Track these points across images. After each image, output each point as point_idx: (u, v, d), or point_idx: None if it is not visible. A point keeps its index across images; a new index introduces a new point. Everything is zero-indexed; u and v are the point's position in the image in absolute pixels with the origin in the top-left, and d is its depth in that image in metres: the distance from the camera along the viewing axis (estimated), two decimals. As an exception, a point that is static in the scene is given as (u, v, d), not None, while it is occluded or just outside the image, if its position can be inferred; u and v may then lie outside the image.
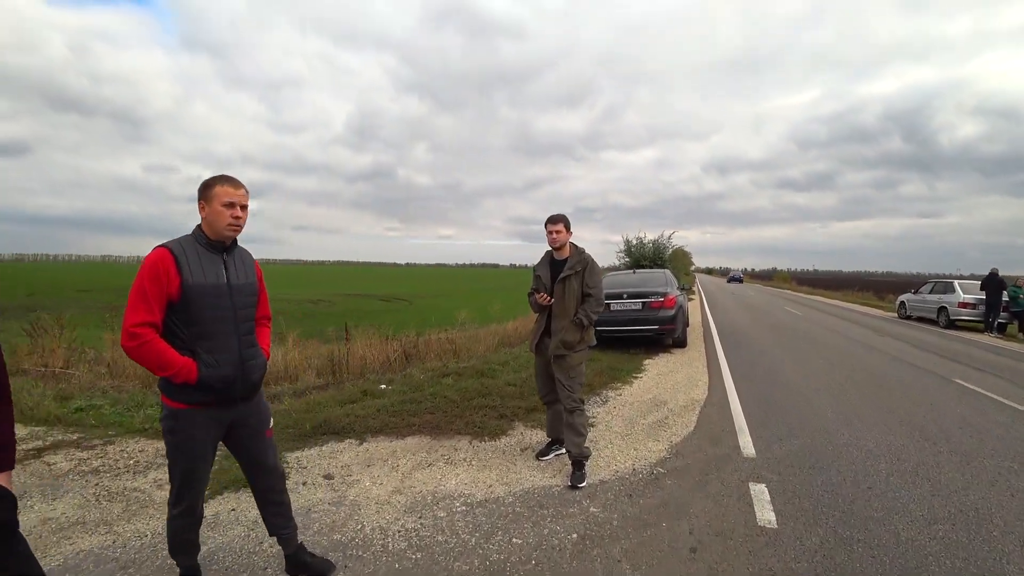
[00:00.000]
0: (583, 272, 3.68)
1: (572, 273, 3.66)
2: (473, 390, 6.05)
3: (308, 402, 5.89)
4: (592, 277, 3.67)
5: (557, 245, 3.72)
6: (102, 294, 37.99)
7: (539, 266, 3.89)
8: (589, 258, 3.76)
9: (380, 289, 48.90)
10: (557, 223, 3.69)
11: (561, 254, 3.77)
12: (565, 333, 3.65)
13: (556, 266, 3.78)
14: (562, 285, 3.68)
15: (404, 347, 9.67)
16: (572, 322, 3.66)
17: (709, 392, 6.25)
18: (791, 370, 7.69)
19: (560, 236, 3.69)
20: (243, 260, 2.28)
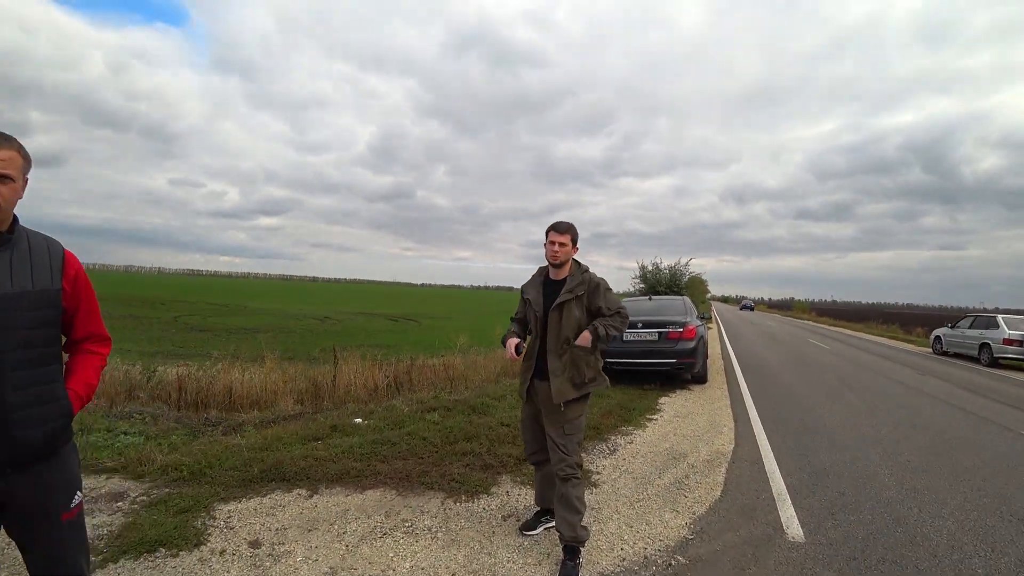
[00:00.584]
0: (586, 296, 2.85)
1: (572, 298, 2.82)
2: (459, 430, 5.18)
3: (268, 436, 5.08)
4: (606, 298, 2.87)
5: (557, 261, 2.89)
6: (113, 304, 37.89)
7: (528, 286, 3.05)
8: (595, 278, 2.92)
9: (391, 308, 48.28)
10: (563, 233, 2.87)
11: (559, 273, 2.93)
12: (567, 374, 2.80)
13: (551, 287, 2.94)
14: (558, 313, 2.84)
15: (396, 373, 8.85)
16: (574, 353, 2.82)
17: (736, 442, 5.30)
18: (828, 415, 6.69)
19: (563, 251, 2.87)
20: (30, 258, 1.48)
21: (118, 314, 30.40)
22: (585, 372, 2.81)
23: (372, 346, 19.28)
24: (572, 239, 2.89)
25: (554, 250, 2.85)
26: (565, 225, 2.89)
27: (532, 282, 3.04)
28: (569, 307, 2.81)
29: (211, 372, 8.06)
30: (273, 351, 9.70)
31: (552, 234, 2.87)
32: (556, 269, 2.92)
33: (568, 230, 2.87)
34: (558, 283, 2.90)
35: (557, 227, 2.88)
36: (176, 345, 19.33)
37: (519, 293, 3.11)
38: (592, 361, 2.86)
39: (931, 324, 30.25)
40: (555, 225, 2.89)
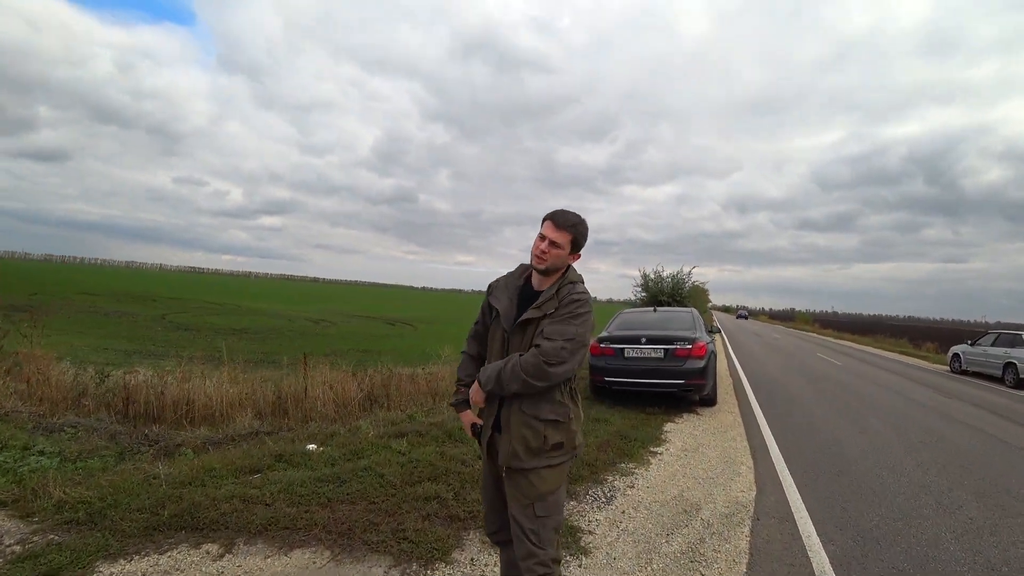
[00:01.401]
0: (553, 314, 1.95)
1: (539, 316, 1.96)
2: (426, 465, 4.32)
3: (199, 466, 4.23)
4: (560, 321, 1.92)
5: (543, 266, 2.00)
6: (105, 299, 37.13)
7: (500, 288, 2.17)
8: (575, 293, 1.99)
9: (389, 311, 47.44)
10: (561, 229, 1.98)
11: (544, 281, 2.07)
12: (527, 427, 1.95)
13: (527, 297, 2.08)
14: (520, 334, 2.00)
15: (372, 386, 8.00)
16: (545, 406, 1.96)
17: (758, 488, 4.43)
18: (860, 451, 5.81)
19: (555, 254, 1.99)
20: None
21: (107, 310, 29.64)
22: (545, 434, 1.94)
23: (361, 351, 18.42)
24: (573, 240, 2.00)
25: (541, 248, 1.97)
26: (568, 218, 2.00)
27: (506, 284, 2.16)
28: (533, 329, 1.97)
29: (166, 380, 7.24)
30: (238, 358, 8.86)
31: (547, 226, 1.99)
32: (540, 275, 2.06)
33: (571, 227, 1.99)
34: (537, 294, 2.05)
35: (556, 218, 1.99)
36: (157, 344, 18.51)
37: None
38: (557, 417, 1.97)
39: (941, 339, 29.31)
40: (554, 215, 2.00)
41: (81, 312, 27.95)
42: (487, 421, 2.06)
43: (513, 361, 1.89)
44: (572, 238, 2.00)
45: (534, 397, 1.94)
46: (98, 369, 8.33)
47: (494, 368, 1.94)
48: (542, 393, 1.93)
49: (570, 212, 2.02)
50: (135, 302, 37.12)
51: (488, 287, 2.23)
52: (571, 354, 1.88)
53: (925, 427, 7.24)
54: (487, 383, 1.95)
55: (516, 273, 2.19)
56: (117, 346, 17.77)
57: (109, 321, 24.76)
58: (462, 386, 2.21)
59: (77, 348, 16.76)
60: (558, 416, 1.96)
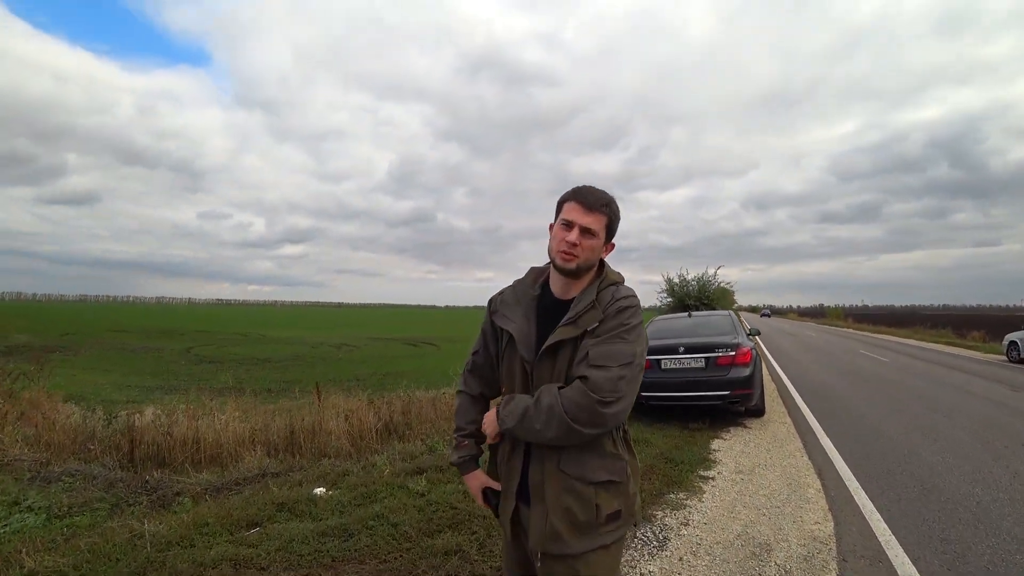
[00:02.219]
0: (597, 329, 1.39)
1: (576, 335, 1.40)
2: (446, 509, 3.77)
3: (188, 522, 3.75)
4: (612, 341, 1.35)
5: (572, 264, 1.43)
6: (134, 335, 37.63)
7: (505, 305, 1.59)
8: (625, 302, 1.43)
9: (411, 332, 47.22)
10: (593, 211, 1.43)
11: (570, 287, 1.50)
12: (560, 500, 1.38)
13: (552, 311, 1.50)
14: (550, 363, 1.43)
15: (390, 413, 7.50)
16: (593, 461, 1.40)
17: (835, 517, 3.77)
18: (940, 462, 5.08)
19: (589, 246, 1.44)
20: None
21: (134, 346, 29.92)
22: (597, 503, 1.38)
23: (382, 374, 18.04)
24: (608, 225, 1.46)
25: (570, 240, 1.40)
26: (600, 196, 1.45)
27: (516, 296, 1.58)
28: (568, 354, 1.41)
29: (172, 419, 6.86)
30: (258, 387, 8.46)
31: (572, 208, 1.43)
32: (567, 278, 1.47)
33: (604, 206, 1.44)
34: (564, 305, 1.48)
35: (585, 197, 1.43)
36: (180, 378, 18.41)
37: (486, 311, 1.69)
38: (612, 476, 1.41)
39: (987, 326, 27.76)
40: (580, 194, 1.45)
41: (110, 349, 28.25)
42: (508, 484, 1.50)
43: (550, 398, 1.32)
44: (607, 221, 1.45)
45: (577, 449, 1.38)
46: (106, 410, 8.02)
47: (520, 403, 1.39)
48: (588, 443, 1.38)
49: (595, 189, 1.47)
50: (163, 337, 37.54)
51: (489, 303, 1.65)
52: (630, 385, 1.33)
53: (1005, 428, 6.45)
54: (508, 418, 1.40)
55: (528, 280, 1.61)
56: (141, 382, 17.70)
57: (136, 357, 24.89)
58: (463, 437, 1.65)
59: (101, 386, 16.73)
60: (612, 475, 1.40)
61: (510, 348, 1.52)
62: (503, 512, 1.52)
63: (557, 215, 1.49)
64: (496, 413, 1.46)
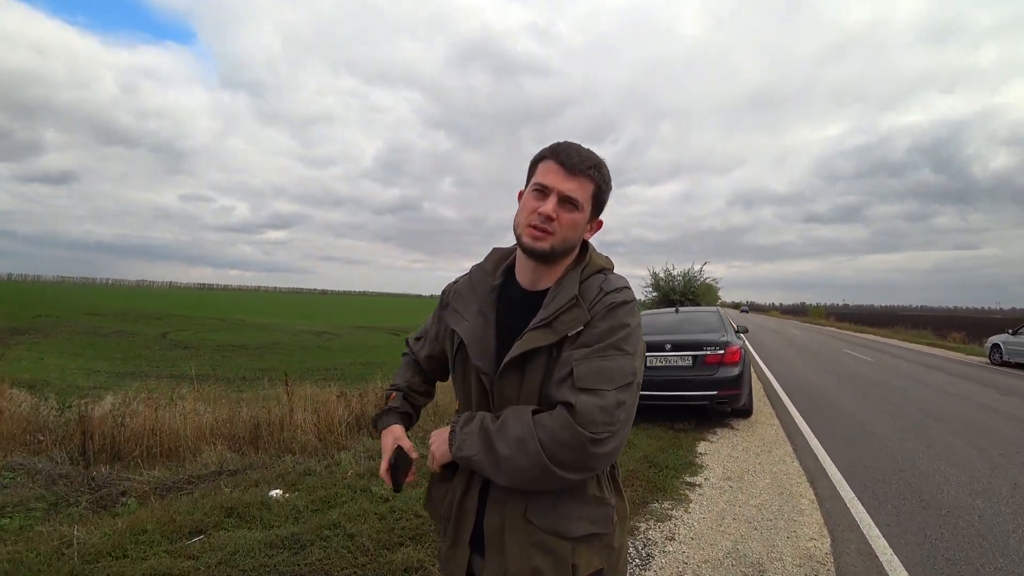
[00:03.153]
0: (584, 335, 1.03)
1: (550, 342, 1.03)
2: (409, 517, 3.44)
3: (124, 528, 3.37)
4: (606, 354, 1.00)
5: (547, 244, 1.06)
6: (110, 319, 36.64)
7: (458, 298, 1.22)
8: (618, 297, 1.06)
9: (394, 321, 46.69)
10: (574, 174, 1.05)
11: (543, 275, 1.13)
12: (540, 549, 1.02)
13: (514, 306, 1.15)
14: (515, 377, 1.06)
15: (363, 406, 7.15)
16: (573, 508, 1.05)
17: (830, 530, 3.50)
18: (936, 470, 4.86)
19: (566, 222, 1.06)
20: None
21: (106, 330, 29.05)
22: (575, 562, 1.04)
23: (361, 364, 17.61)
24: (595, 194, 1.10)
25: (544, 212, 1.05)
26: (586, 157, 1.08)
27: (472, 286, 1.22)
28: (542, 365, 1.05)
29: (130, 409, 6.43)
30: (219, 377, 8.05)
31: (548, 170, 1.07)
32: (537, 263, 1.12)
33: (590, 169, 1.07)
34: (535, 299, 1.13)
35: (566, 157, 1.06)
36: (152, 364, 17.83)
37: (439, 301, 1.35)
38: (595, 528, 1.07)
39: (964, 328, 28.03)
40: (560, 152, 1.07)
41: (81, 333, 27.39)
42: (458, 528, 1.14)
43: (521, 428, 0.98)
44: (595, 189, 1.09)
45: (553, 493, 1.04)
46: (65, 397, 7.56)
47: (481, 425, 1.04)
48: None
49: (583, 147, 1.09)
50: (139, 321, 36.60)
51: (442, 293, 1.32)
52: (629, 412, 1.01)
53: (998, 435, 6.26)
54: (468, 443, 1.03)
55: (488, 266, 1.23)
56: (111, 368, 17.09)
57: (107, 342, 24.13)
58: (393, 390, 1.38)
59: (68, 370, 16.09)
60: (595, 525, 1.06)
61: (462, 355, 1.17)
62: (451, 563, 1.17)
63: (528, 179, 1.13)
64: (450, 433, 1.10)
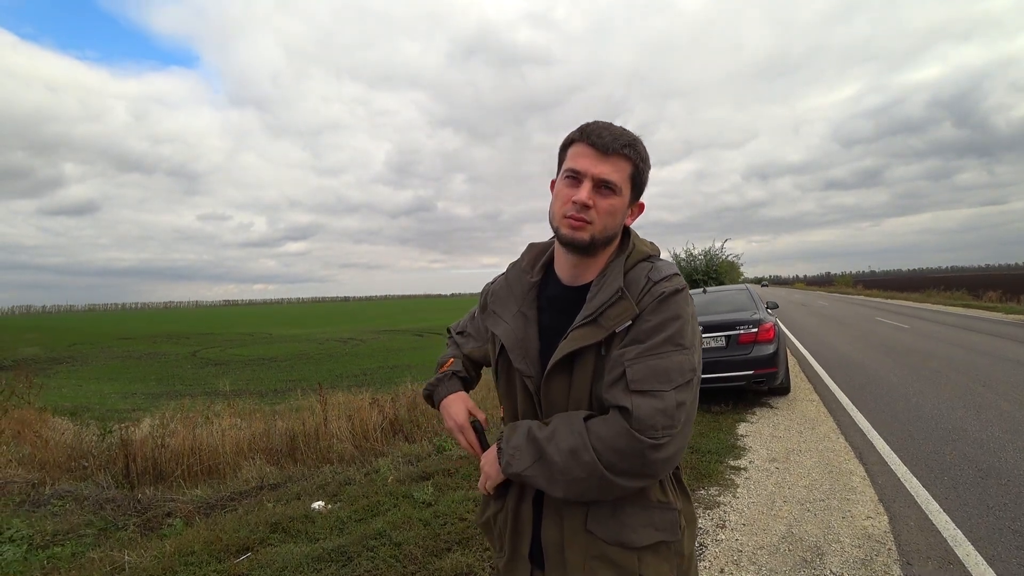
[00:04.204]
0: (633, 330, 0.96)
1: (597, 340, 0.97)
2: (454, 521, 3.41)
3: (173, 550, 3.40)
4: (660, 352, 0.92)
5: (587, 235, 0.98)
6: (141, 342, 37.51)
7: (497, 299, 1.16)
8: (670, 286, 0.97)
9: (418, 323, 46.98)
10: (610, 155, 0.97)
11: (584, 268, 1.06)
12: (603, 562, 0.96)
13: (556, 304, 1.09)
14: (562, 380, 1.00)
15: (396, 410, 7.17)
16: (635, 516, 0.98)
17: (886, 507, 3.39)
18: (987, 435, 4.68)
19: (604, 208, 0.98)
20: None
21: (138, 353, 29.76)
22: (642, 572, 0.97)
23: (389, 367, 17.76)
24: (632, 175, 1.01)
25: (579, 200, 0.96)
26: (621, 136, 0.98)
27: (509, 286, 1.16)
28: (591, 366, 0.99)
29: (168, 429, 6.54)
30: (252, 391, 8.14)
31: (580, 154, 0.99)
32: (577, 256, 1.05)
33: (627, 147, 0.98)
34: (577, 294, 1.07)
35: (599, 138, 0.97)
36: (185, 383, 18.21)
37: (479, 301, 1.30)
38: (662, 536, 0.99)
39: (1002, 286, 27.18)
40: (593, 133, 0.98)
41: (116, 358, 28.10)
42: (515, 543, 1.08)
43: (573, 438, 0.91)
44: (632, 171, 1.00)
45: (613, 501, 0.98)
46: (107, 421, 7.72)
47: (528, 436, 0.98)
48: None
49: (615, 124, 1.01)
50: (169, 342, 37.40)
51: (482, 294, 1.26)
52: (690, 412, 0.94)
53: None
54: (517, 458, 0.97)
55: (524, 263, 1.17)
56: (146, 389, 17.50)
57: (140, 364, 24.72)
58: (453, 358, 1.32)
59: (106, 395, 16.53)
60: (662, 533, 1.00)
61: (504, 359, 1.10)
62: (497, 550, 1.14)
63: (560, 166, 1.05)
64: (497, 450, 1.03)
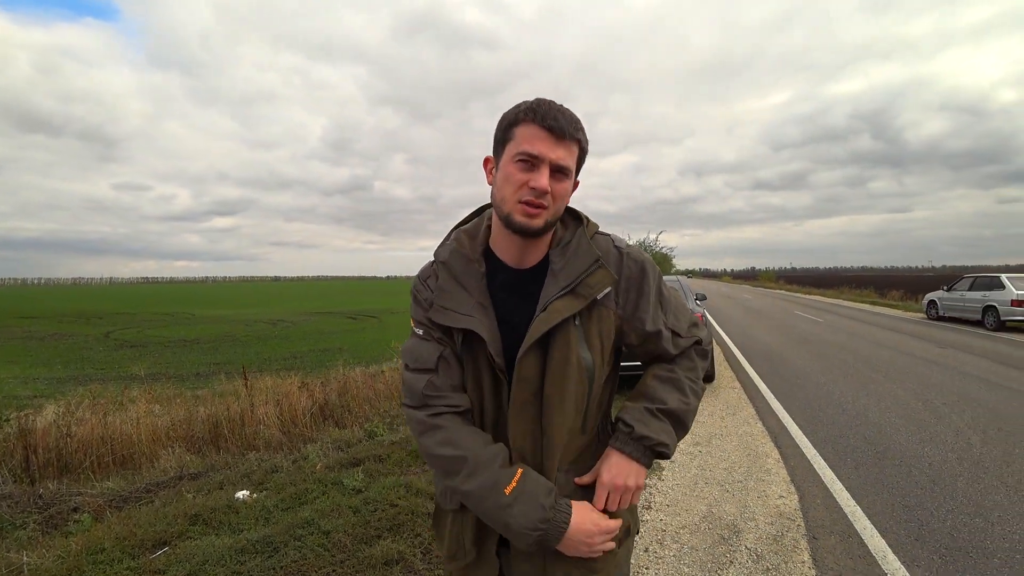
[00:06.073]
0: (620, 300, 1.04)
1: (577, 307, 0.98)
2: (385, 508, 3.37)
3: (79, 548, 3.18)
4: (671, 303, 1.11)
5: (539, 222, 0.96)
6: (45, 322, 34.54)
7: (445, 290, 1.04)
8: (632, 250, 1.06)
9: (352, 305, 45.82)
10: (564, 139, 0.95)
11: (531, 251, 1.04)
12: None
13: (508, 290, 1.05)
14: (538, 356, 1.00)
15: (325, 395, 6.99)
16: None
17: (797, 487, 3.64)
18: (885, 420, 5.12)
19: (559, 193, 0.97)
20: None
21: (42, 334, 27.40)
22: None
23: (320, 350, 17.24)
24: (579, 156, 1.01)
25: (539, 188, 0.93)
26: (571, 119, 0.97)
27: (455, 281, 1.04)
28: (567, 340, 0.99)
29: (75, 417, 6.07)
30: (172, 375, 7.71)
31: (537, 135, 0.94)
32: (526, 239, 1.01)
33: (579, 132, 0.98)
34: (527, 279, 1.05)
35: (552, 120, 0.94)
36: (97, 367, 16.94)
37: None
38: None
39: (904, 287, 29.66)
40: (542, 113, 0.94)
41: (15, 339, 25.72)
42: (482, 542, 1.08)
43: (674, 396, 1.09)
44: (579, 153, 1.01)
45: None
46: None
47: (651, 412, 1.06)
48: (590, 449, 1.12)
49: (561, 106, 0.98)
50: (78, 322, 34.64)
51: (414, 288, 1.11)
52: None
53: (940, 386, 6.64)
54: (661, 441, 1.04)
55: (466, 249, 1.08)
56: (50, 374, 16.14)
57: (44, 346, 22.75)
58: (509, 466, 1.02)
59: (2, 380, 15.12)
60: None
61: (468, 350, 1.04)
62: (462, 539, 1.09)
63: (503, 146, 0.99)
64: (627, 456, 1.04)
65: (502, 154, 0.99)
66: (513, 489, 0.94)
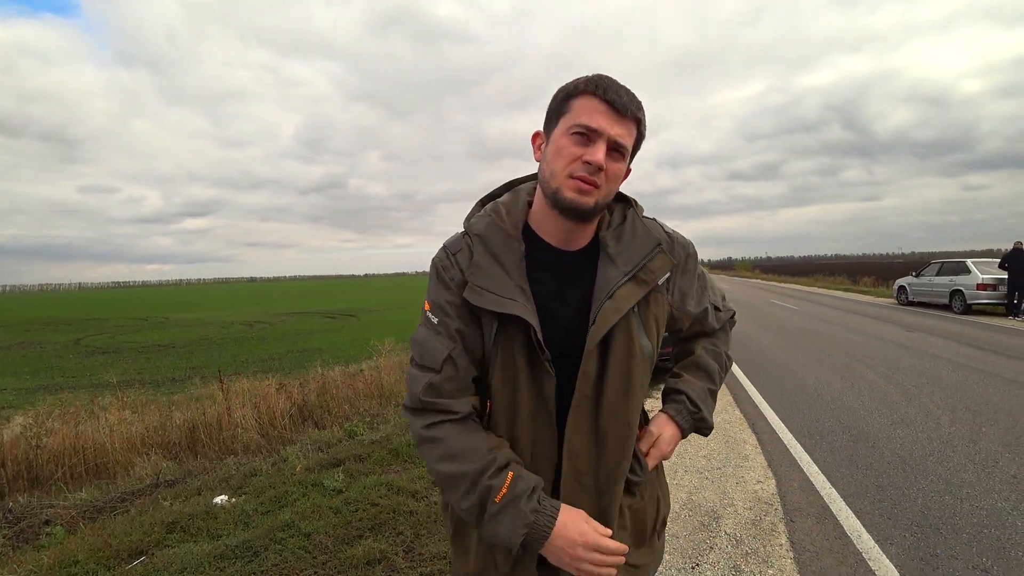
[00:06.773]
0: (672, 284, 1.02)
1: (640, 295, 0.93)
2: (366, 507, 3.34)
3: (52, 561, 3.09)
4: (709, 286, 1.13)
5: (590, 202, 0.89)
6: (10, 330, 33.51)
7: (480, 267, 0.92)
8: (692, 248, 1.07)
9: (329, 304, 45.32)
10: (624, 115, 0.88)
11: (576, 236, 0.97)
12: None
13: (551, 272, 0.97)
14: (601, 352, 0.93)
15: (303, 396, 6.91)
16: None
17: (774, 471, 3.71)
18: (858, 403, 5.25)
19: (614, 173, 0.90)
20: None
21: (7, 342, 26.56)
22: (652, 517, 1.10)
23: (299, 351, 17.03)
24: (637, 140, 0.93)
25: (595, 163, 0.86)
26: (632, 96, 0.90)
27: (493, 258, 0.93)
28: (629, 328, 0.94)
29: (45, 427, 5.91)
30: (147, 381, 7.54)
31: (597, 108, 0.87)
32: (575, 222, 0.94)
33: (640, 111, 0.91)
34: (573, 262, 0.98)
35: (613, 93, 0.87)
36: (67, 375, 16.47)
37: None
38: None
39: (875, 273, 30.43)
40: (603, 86, 0.88)
41: (-25, 348, 24.92)
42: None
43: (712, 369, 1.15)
44: (637, 136, 0.94)
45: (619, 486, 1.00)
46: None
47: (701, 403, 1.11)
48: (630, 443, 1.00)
49: (624, 85, 0.91)
50: (46, 329, 33.66)
51: (440, 270, 0.97)
52: None
53: (910, 369, 6.81)
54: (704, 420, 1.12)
55: (505, 223, 0.96)
56: (17, 384, 15.65)
57: (11, 355, 22.06)
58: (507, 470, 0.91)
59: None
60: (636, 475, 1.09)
61: (505, 341, 0.92)
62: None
63: (557, 118, 0.92)
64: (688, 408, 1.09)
65: (555, 127, 0.92)
66: (503, 496, 0.86)
